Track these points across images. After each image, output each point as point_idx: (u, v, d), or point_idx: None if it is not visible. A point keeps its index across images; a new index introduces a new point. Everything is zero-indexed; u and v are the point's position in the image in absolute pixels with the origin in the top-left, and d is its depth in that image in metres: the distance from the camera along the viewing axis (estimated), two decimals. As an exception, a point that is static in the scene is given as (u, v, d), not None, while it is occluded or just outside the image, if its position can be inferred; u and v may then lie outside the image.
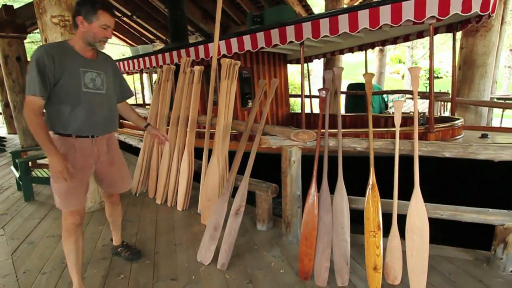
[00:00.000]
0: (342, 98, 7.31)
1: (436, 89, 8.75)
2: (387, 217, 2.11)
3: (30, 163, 4.33)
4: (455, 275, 2.13)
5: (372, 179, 2.13)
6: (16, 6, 6.00)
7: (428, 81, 3.08)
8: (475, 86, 5.10)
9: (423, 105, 8.19)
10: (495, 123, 7.02)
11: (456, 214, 2.18)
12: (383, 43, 4.71)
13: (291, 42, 3.55)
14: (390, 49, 27.75)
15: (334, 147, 2.33)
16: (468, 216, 2.15)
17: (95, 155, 1.93)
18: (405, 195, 2.08)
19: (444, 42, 19.08)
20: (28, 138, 6.41)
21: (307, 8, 7.48)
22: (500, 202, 2.32)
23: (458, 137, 3.45)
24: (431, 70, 3.09)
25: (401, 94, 8.13)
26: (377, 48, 10.96)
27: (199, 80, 3.28)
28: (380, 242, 2.05)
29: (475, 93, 5.12)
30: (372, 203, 2.09)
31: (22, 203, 3.72)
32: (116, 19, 10.67)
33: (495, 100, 6.44)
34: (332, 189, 2.22)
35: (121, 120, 6.70)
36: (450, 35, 3.87)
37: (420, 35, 4.19)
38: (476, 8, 2.70)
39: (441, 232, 2.52)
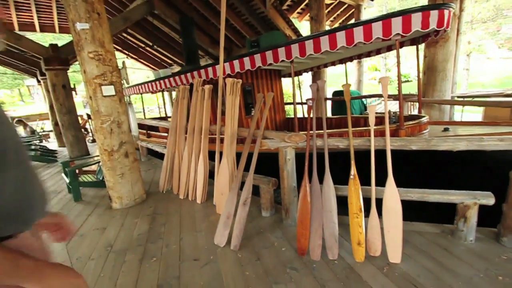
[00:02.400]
0: (329, 103, 7.29)
1: (406, 91, 8.66)
2: (367, 201, 2.13)
3: (77, 171, 4.42)
4: (425, 245, 2.14)
5: (353, 170, 2.14)
6: (60, 44, 6.11)
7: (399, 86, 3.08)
8: (438, 87, 5.04)
9: (396, 106, 8.12)
10: (457, 117, 6.94)
11: (424, 196, 2.18)
12: (359, 56, 4.70)
13: (282, 60, 3.57)
14: (367, 60, 27.55)
15: (321, 146, 2.34)
16: (433, 197, 2.15)
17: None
18: (382, 182, 2.10)
19: (412, 52, 18.88)
20: (74, 149, 6.52)
21: (295, 31, 7.49)
22: (460, 184, 2.32)
23: (424, 131, 3.43)
24: (399, 77, 3.07)
25: (377, 98, 8.08)
26: (355, 60, 10.87)
27: (209, 96, 3.32)
28: (362, 222, 2.07)
29: (438, 93, 5.06)
30: (354, 190, 2.11)
31: (73, 203, 3.79)
32: (140, 49, 10.74)
33: (456, 98, 6.36)
34: (321, 181, 2.24)
35: (148, 131, 6.75)
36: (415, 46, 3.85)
37: (389, 48, 4.17)
38: (433, 25, 2.69)
39: (415, 211, 2.52)
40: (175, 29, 8.43)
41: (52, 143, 10.38)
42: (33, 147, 7.03)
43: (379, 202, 2.08)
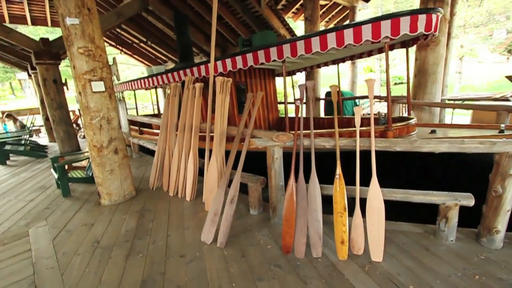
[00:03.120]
0: (322, 103, 7.34)
1: (399, 93, 8.77)
2: (353, 201, 2.17)
3: (66, 166, 4.37)
4: (408, 245, 2.19)
5: (338, 170, 2.18)
6: (51, 38, 6.01)
7: (394, 87, 3.12)
8: (428, 90, 5.12)
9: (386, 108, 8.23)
10: (447, 120, 7.06)
11: (407, 196, 2.22)
12: (352, 58, 4.75)
13: (274, 60, 3.58)
14: (361, 61, 27.74)
15: (309, 145, 2.37)
16: (416, 197, 2.19)
17: None
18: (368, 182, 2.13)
19: (403, 55, 19.09)
20: (65, 145, 6.45)
21: (290, 30, 7.51)
22: (444, 185, 2.37)
23: (412, 133, 3.49)
24: (387, 79, 3.12)
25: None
26: (349, 61, 10.94)
27: (200, 94, 3.32)
28: (346, 221, 2.11)
29: (428, 96, 5.14)
30: (339, 190, 2.14)
31: (61, 199, 3.76)
32: (135, 45, 10.65)
33: (446, 101, 6.47)
34: (308, 180, 2.26)
35: (140, 128, 6.70)
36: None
37: (380, 51, 4.22)
38: (421, 28, 2.74)
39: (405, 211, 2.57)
40: (169, 26, 8.37)
41: (43, 138, 10.24)
42: (23, 142, 6.92)
43: (363, 202, 2.12)
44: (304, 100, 2.60)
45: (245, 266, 2.06)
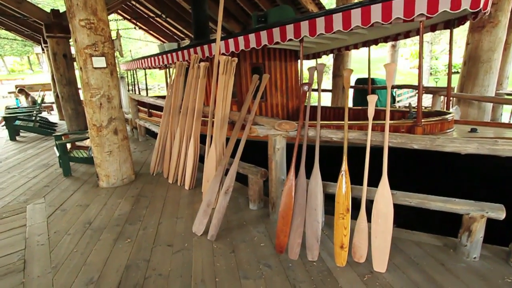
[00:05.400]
0: (351, 91, 7.12)
1: (453, 84, 8.23)
2: (359, 202, 2.13)
3: (70, 145, 4.72)
4: (420, 258, 2.13)
5: (344, 166, 2.14)
6: (62, 10, 6.37)
7: (445, 76, 2.97)
8: (479, 81, 4.76)
9: (427, 101, 7.76)
10: (505, 118, 6.54)
11: (424, 202, 2.14)
12: (385, 39, 4.54)
13: (291, 39, 3.54)
14: (408, 44, 26.23)
15: (314, 136, 2.35)
16: (435, 204, 2.11)
17: None
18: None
19: (462, 38, 17.76)
20: (73, 123, 6.91)
21: (319, 6, 7.28)
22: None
23: (448, 131, 3.31)
24: (420, 66, 2.97)
25: (410, 89, 7.73)
26: (389, 44, 10.40)
27: (204, 75, 3.38)
28: (348, 223, 2.09)
29: (479, 88, 4.78)
30: (343, 189, 2.12)
31: (62, 178, 4.09)
32: (151, 19, 10.92)
33: (505, 96, 5.97)
34: (310, 175, 2.26)
35: (150, 110, 6.98)
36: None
37: (418, 31, 3.98)
38: (465, 5, 2.54)
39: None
40: (187, -1, 8.49)
41: (54, 116, 11.04)
42: (32, 118, 7.53)
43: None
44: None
45: (233, 262, 2.13)
